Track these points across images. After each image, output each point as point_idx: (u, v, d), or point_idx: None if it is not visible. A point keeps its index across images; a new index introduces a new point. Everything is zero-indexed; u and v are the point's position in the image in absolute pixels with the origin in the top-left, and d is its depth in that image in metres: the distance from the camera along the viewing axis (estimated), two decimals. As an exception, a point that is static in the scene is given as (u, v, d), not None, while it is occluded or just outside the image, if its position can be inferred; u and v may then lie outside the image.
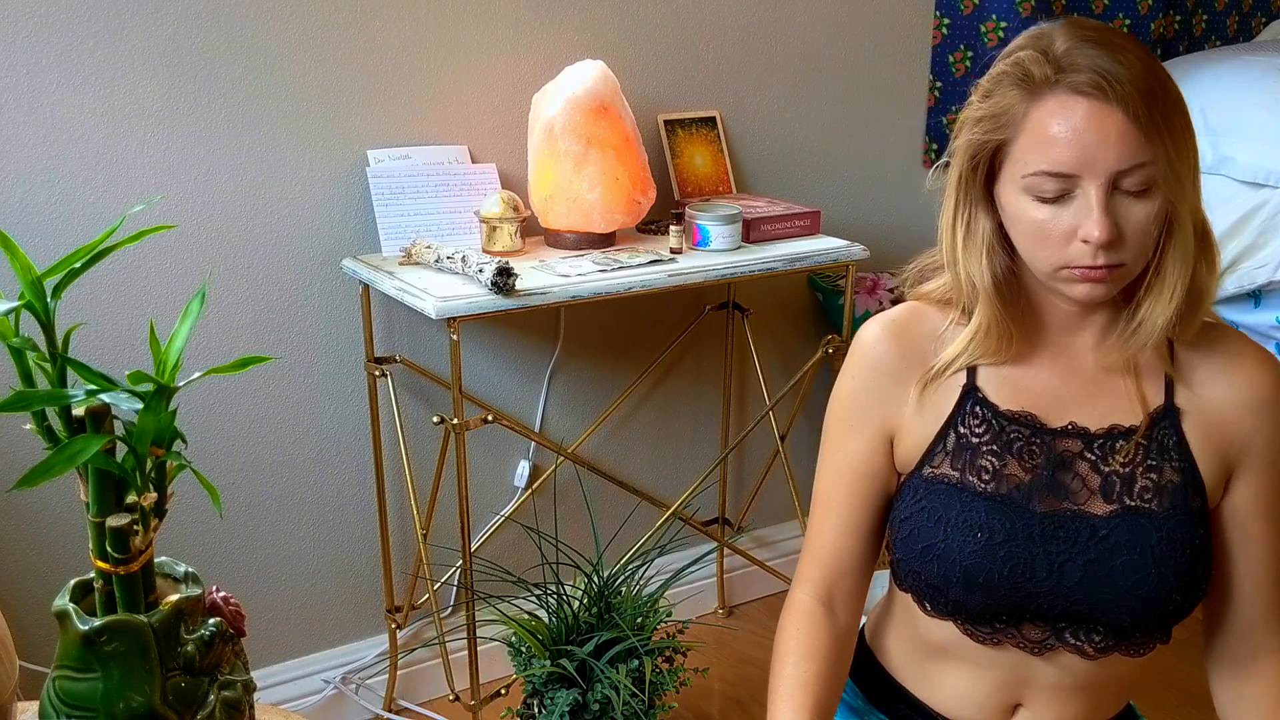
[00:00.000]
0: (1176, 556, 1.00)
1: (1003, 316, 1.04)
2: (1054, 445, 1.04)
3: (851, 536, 1.12)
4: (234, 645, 0.81)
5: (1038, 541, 1.01)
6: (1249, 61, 2.40)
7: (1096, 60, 0.93)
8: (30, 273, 0.70)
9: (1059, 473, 1.03)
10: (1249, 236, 2.20)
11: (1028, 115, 0.96)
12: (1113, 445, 1.03)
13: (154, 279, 1.74)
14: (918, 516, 1.06)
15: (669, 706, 1.80)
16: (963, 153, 1.01)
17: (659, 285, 1.78)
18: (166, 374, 0.72)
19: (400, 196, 1.84)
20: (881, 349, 1.10)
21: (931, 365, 1.07)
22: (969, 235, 1.03)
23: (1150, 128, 0.93)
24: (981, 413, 1.05)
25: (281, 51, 1.75)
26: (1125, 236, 0.95)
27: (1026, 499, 1.03)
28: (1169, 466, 1.03)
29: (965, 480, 1.04)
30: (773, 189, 2.28)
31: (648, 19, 2.07)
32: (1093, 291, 0.97)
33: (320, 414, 1.94)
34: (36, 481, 0.67)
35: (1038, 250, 0.98)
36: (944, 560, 1.03)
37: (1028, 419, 1.05)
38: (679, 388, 2.31)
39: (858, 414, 1.11)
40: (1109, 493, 1.03)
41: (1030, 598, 1.02)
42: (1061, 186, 0.95)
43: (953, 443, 1.06)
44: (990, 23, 2.43)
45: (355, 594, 2.06)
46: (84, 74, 1.63)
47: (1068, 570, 1.01)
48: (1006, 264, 1.03)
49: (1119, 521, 1.01)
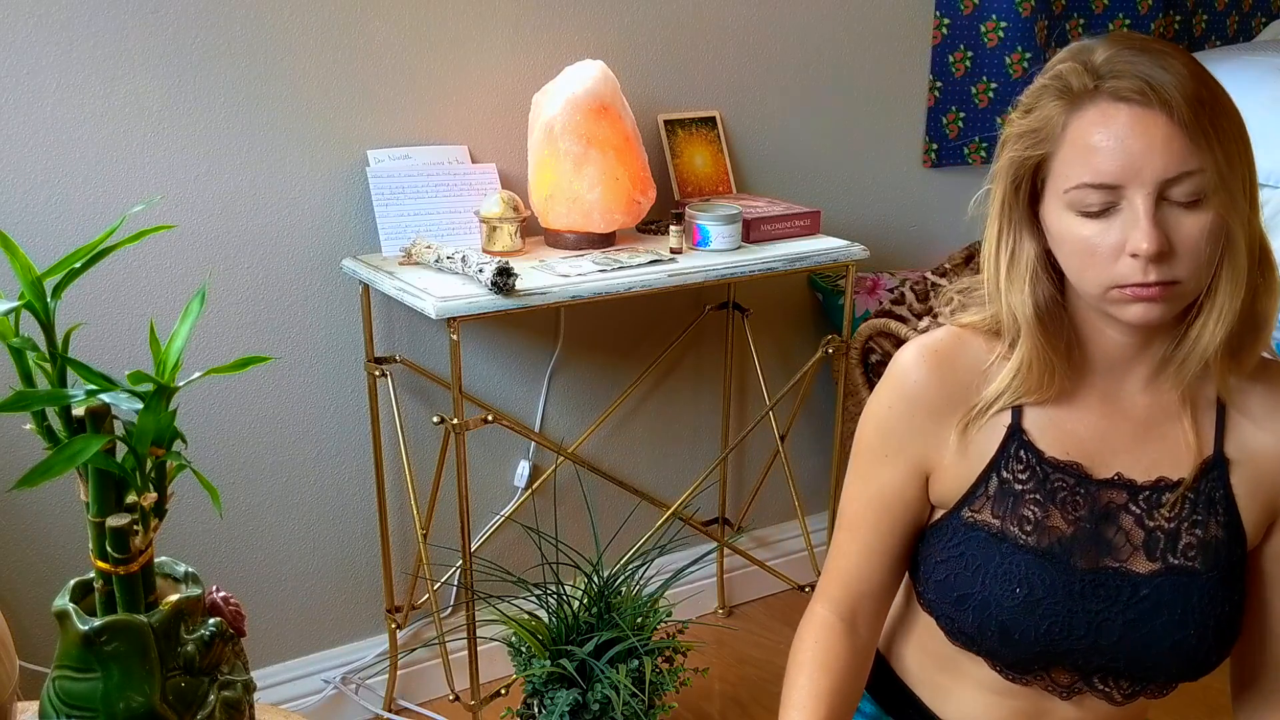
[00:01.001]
0: (1217, 615, 0.98)
1: (1046, 351, 0.98)
2: (1099, 496, 1.00)
3: (877, 562, 1.09)
4: (234, 645, 0.81)
5: (1077, 599, 0.98)
6: (1249, 61, 2.40)
7: (1138, 66, 0.89)
8: (30, 273, 0.70)
9: (1102, 526, 1.00)
10: (1249, 236, 2.20)
11: (1068, 127, 0.92)
12: (1159, 498, 1.00)
13: (154, 279, 1.74)
14: (955, 562, 1.02)
15: (669, 706, 1.80)
16: (1004, 173, 0.97)
17: (659, 285, 1.78)
18: (166, 374, 0.72)
19: (400, 196, 1.84)
20: (922, 381, 1.04)
21: (974, 404, 1.02)
22: (1013, 263, 0.98)
23: (1198, 133, 0.88)
24: (1026, 458, 1.01)
25: (281, 51, 1.75)
26: (1177, 251, 0.90)
27: (1068, 553, 0.99)
28: (1214, 521, 0.99)
29: (1006, 530, 1.00)
30: (773, 189, 2.28)
31: (648, 19, 2.07)
32: (1146, 313, 0.91)
33: (320, 414, 1.94)
34: (36, 481, 0.67)
35: (1085, 270, 0.93)
36: (980, 611, 1.00)
37: (1073, 468, 1.01)
38: (679, 388, 2.31)
39: (893, 445, 1.06)
40: (1152, 550, 0.99)
41: (1066, 652, 1.00)
42: (1106, 199, 0.90)
43: (995, 487, 1.02)
44: (990, 23, 2.43)
45: (355, 594, 2.06)
46: (84, 74, 1.63)
47: (1106, 629, 0.99)
48: (1051, 293, 0.98)
49: (1162, 581, 0.98)
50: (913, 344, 1.07)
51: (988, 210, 1.01)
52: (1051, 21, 2.54)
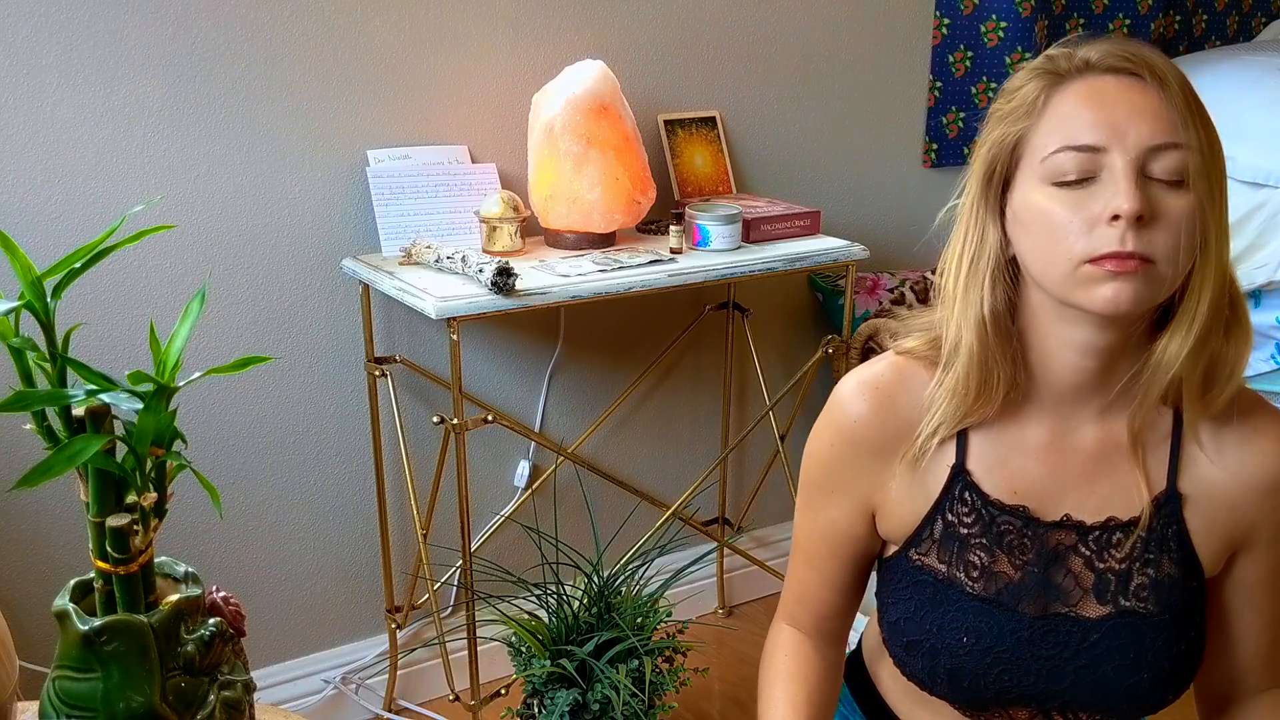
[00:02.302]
0: (1171, 657, 0.95)
1: (986, 360, 0.93)
2: (1047, 539, 0.97)
3: (834, 591, 1.09)
4: (234, 645, 0.81)
5: (1026, 645, 0.96)
6: (1249, 61, 2.40)
7: (1127, 47, 0.87)
8: (30, 273, 0.70)
9: (1051, 570, 0.97)
10: (1249, 236, 2.20)
11: (1050, 101, 0.89)
12: (1109, 539, 0.96)
13: (154, 279, 1.74)
14: (905, 605, 1.01)
15: (669, 706, 1.80)
16: (979, 163, 0.93)
17: (659, 285, 1.78)
18: (166, 374, 0.72)
19: (400, 196, 1.84)
20: (862, 419, 1.00)
21: (916, 437, 0.98)
22: (974, 264, 0.94)
23: (1186, 113, 0.85)
24: (971, 500, 0.98)
25: (281, 51, 1.75)
26: (1156, 227, 0.84)
27: (1015, 600, 0.97)
28: (1167, 559, 0.96)
29: (953, 576, 0.98)
30: (773, 189, 2.28)
31: (648, 19, 2.07)
32: (1119, 294, 0.84)
33: (320, 414, 1.94)
34: (36, 481, 0.67)
35: (1056, 245, 0.87)
36: (930, 658, 0.99)
37: (1020, 511, 0.97)
38: (679, 388, 2.31)
39: (836, 482, 1.03)
40: (1103, 593, 0.96)
41: (1020, 696, 0.98)
42: (1085, 165, 0.85)
43: (940, 530, 0.99)
44: (990, 23, 2.43)
45: (355, 594, 2.06)
46: (84, 74, 1.63)
47: (1057, 674, 0.96)
48: (1005, 301, 0.93)
49: (1112, 625, 0.95)
50: (852, 377, 1.02)
51: (956, 217, 0.97)
52: (1051, 21, 2.54)
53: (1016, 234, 0.92)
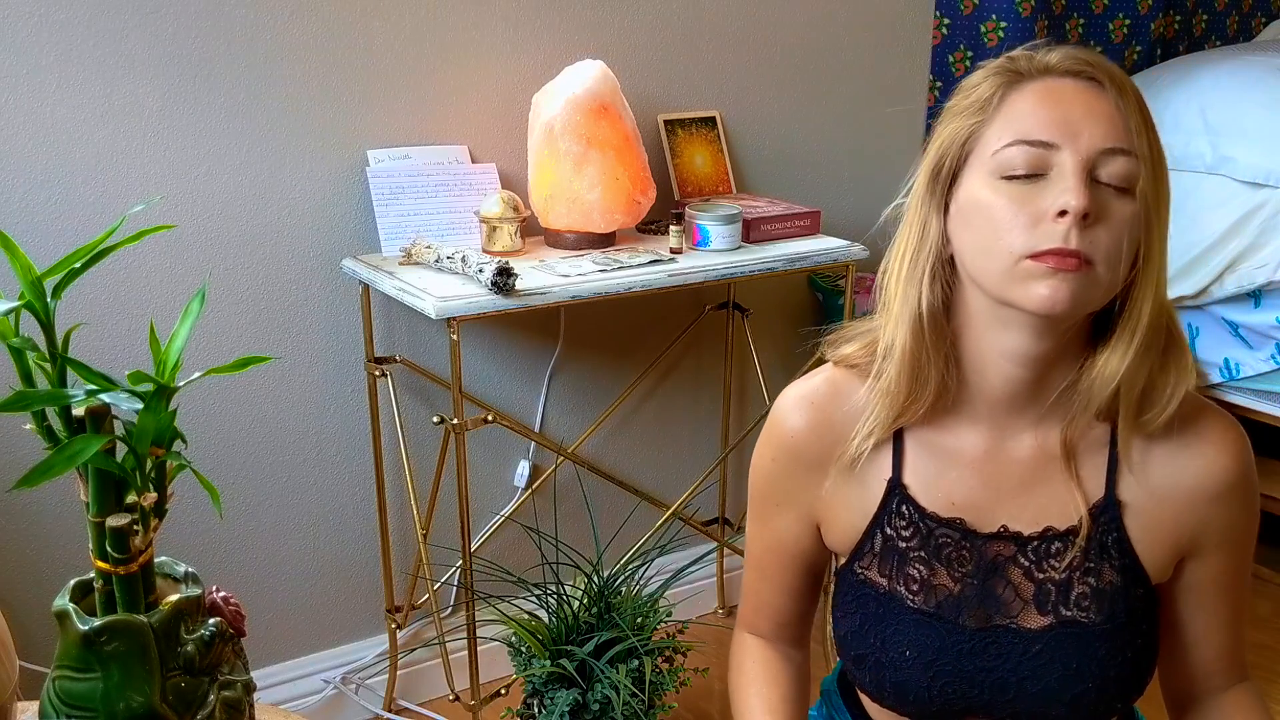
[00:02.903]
0: (1117, 665, 0.94)
1: (920, 354, 0.92)
2: (985, 550, 0.96)
3: (790, 598, 1.10)
4: (234, 645, 0.81)
5: (968, 658, 0.96)
6: (1249, 61, 2.40)
7: (1089, 55, 0.89)
8: (30, 273, 0.70)
9: (990, 581, 0.96)
10: (1249, 236, 2.20)
11: (1006, 98, 0.89)
12: (1048, 548, 0.95)
13: (154, 279, 1.74)
14: (851, 619, 1.01)
15: (669, 706, 1.80)
16: (930, 157, 0.94)
17: (659, 285, 1.78)
18: (166, 374, 0.72)
19: (400, 196, 1.84)
20: (800, 433, 1.01)
21: (850, 442, 0.98)
22: (915, 259, 0.94)
23: (1140, 124, 0.86)
24: (908, 514, 0.98)
25: (281, 51, 1.75)
26: (1102, 228, 0.84)
27: (956, 613, 0.96)
28: (1108, 567, 0.95)
29: (894, 590, 0.98)
30: (773, 189, 2.28)
31: (648, 19, 2.07)
32: (1056, 292, 0.84)
33: (320, 414, 1.94)
34: (36, 481, 0.67)
35: (997, 241, 0.86)
36: (875, 671, 0.99)
37: (957, 524, 0.97)
38: (679, 388, 2.31)
39: (780, 496, 1.05)
40: (1043, 603, 0.95)
41: (967, 709, 0.98)
42: (1036, 161, 0.85)
43: (880, 544, 0.99)
44: (990, 23, 2.43)
45: (355, 594, 2.06)
46: (84, 74, 1.63)
47: (1001, 686, 0.95)
48: (942, 300, 0.93)
49: (1054, 636, 0.94)
50: (790, 392, 1.04)
51: (901, 215, 0.97)
52: (1051, 21, 2.54)
53: (958, 229, 0.91)
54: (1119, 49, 2.67)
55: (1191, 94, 2.36)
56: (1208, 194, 2.28)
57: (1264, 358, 2.29)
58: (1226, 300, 2.30)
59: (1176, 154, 2.35)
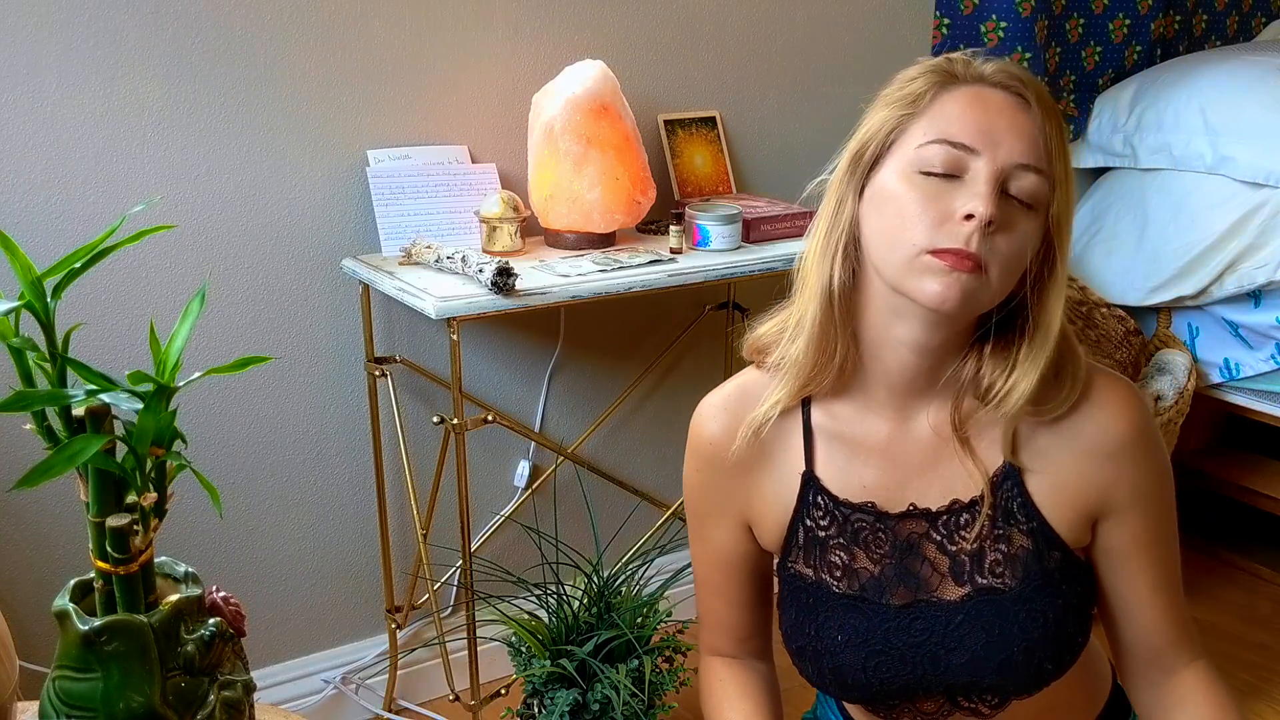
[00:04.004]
0: (1040, 627, 0.96)
1: (828, 327, 0.97)
2: (898, 530, 1.00)
3: (743, 610, 1.12)
4: (234, 645, 0.81)
5: (895, 635, 0.98)
6: (1249, 61, 2.40)
7: (1021, 71, 0.94)
8: (30, 273, 0.70)
9: (908, 559, 0.99)
10: (1249, 236, 2.20)
11: (938, 97, 0.93)
12: (957, 520, 0.98)
13: (154, 279, 1.74)
14: (789, 614, 1.04)
15: (669, 706, 1.80)
16: (856, 140, 0.97)
17: (659, 285, 1.78)
18: (166, 374, 0.72)
19: (400, 196, 1.84)
20: (716, 439, 1.05)
21: (758, 408, 1.02)
22: (829, 235, 0.97)
23: (1058, 146, 0.91)
24: (823, 503, 1.02)
25: (281, 51, 1.75)
26: (1003, 237, 0.89)
27: (880, 594, 0.99)
28: (1017, 531, 0.97)
29: (820, 579, 1.02)
30: (773, 189, 2.28)
31: (648, 19, 2.07)
32: (947, 290, 0.87)
33: (320, 414, 1.94)
34: (36, 481, 0.67)
35: (904, 231, 0.90)
36: (815, 660, 1.02)
37: (869, 507, 1.00)
38: (679, 388, 2.31)
39: (711, 506, 1.08)
40: (959, 575, 0.98)
41: (905, 686, 0.99)
42: (954, 162, 0.89)
43: (803, 537, 1.03)
44: (990, 23, 2.43)
45: (355, 594, 2.06)
46: (84, 74, 1.63)
47: (931, 661, 0.98)
48: (850, 277, 0.96)
49: (974, 604, 0.97)
50: (704, 402, 1.08)
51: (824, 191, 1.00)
52: (1051, 21, 2.54)
53: (869, 214, 0.94)
54: (1119, 49, 2.67)
55: (1191, 94, 2.36)
56: (1208, 194, 2.28)
57: (1264, 358, 2.29)
58: (1226, 300, 2.30)
59: (1176, 154, 2.35)
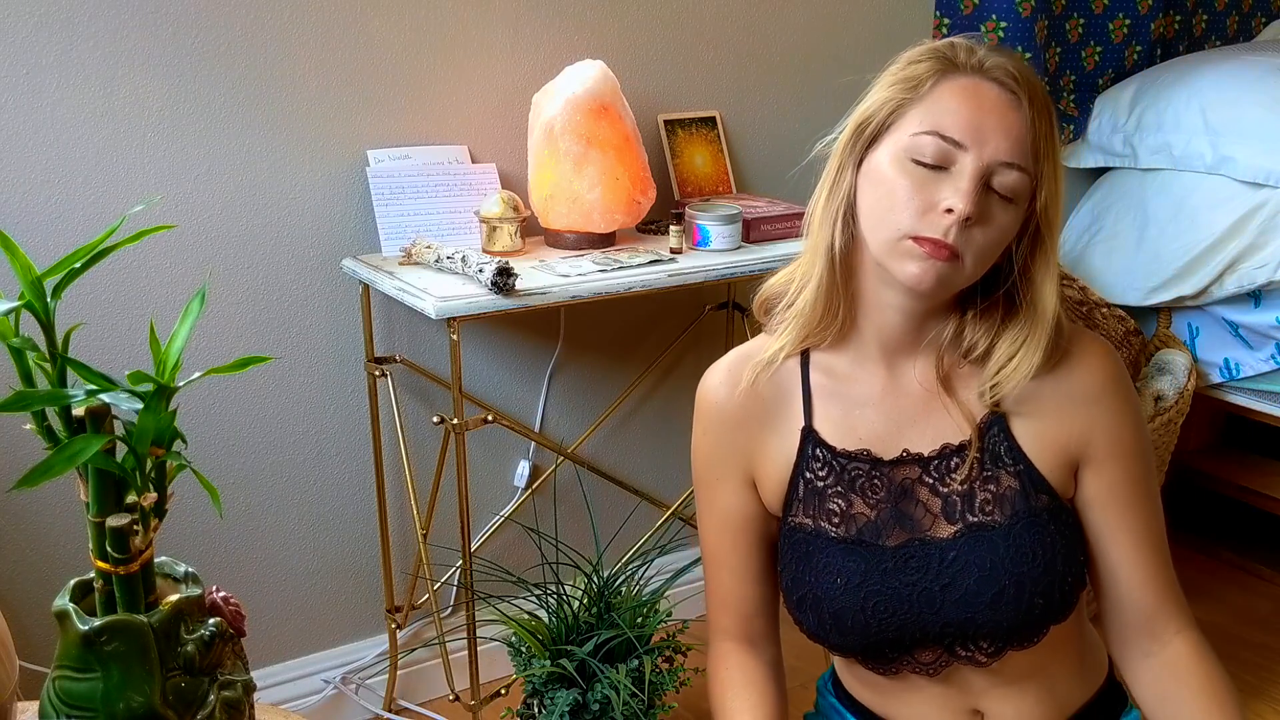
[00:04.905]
0: (1029, 563, 1.00)
1: (831, 285, 1.04)
2: (893, 475, 1.05)
3: (749, 583, 1.15)
4: (234, 645, 0.81)
5: (891, 575, 1.03)
6: (1249, 61, 2.40)
7: (1020, 66, 0.98)
8: (30, 273, 0.70)
9: (902, 503, 1.05)
10: (1249, 236, 2.20)
11: (937, 85, 0.98)
12: (948, 464, 1.04)
13: (154, 279, 1.74)
14: (789, 568, 1.08)
15: (669, 706, 1.80)
16: (859, 114, 1.03)
17: (659, 285, 1.78)
18: (166, 374, 0.72)
19: (400, 196, 1.84)
20: (720, 398, 1.12)
21: (760, 359, 1.09)
22: (830, 198, 1.04)
23: (1044, 142, 0.97)
24: (822, 455, 1.07)
25: (281, 51, 1.75)
26: (980, 230, 0.96)
27: (876, 536, 1.04)
28: (1005, 473, 1.03)
29: (819, 527, 1.06)
30: (773, 189, 2.28)
31: (648, 19, 2.07)
32: (924, 274, 0.96)
33: (320, 414, 1.94)
34: (36, 481, 0.67)
35: (889, 214, 0.97)
36: (815, 608, 1.06)
37: (864, 455, 1.06)
38: (679, 388, 2.31)
39: (718, 467, 1.13)
40: (951, 514, 1.04)
41: (901, 628, 1.03)
42: (942, 155, 0.96)
43: (803, 490, 1.08)
44: (990, 23, 2.43)
45: (355, 594, 2.06)
46: (84, 74, 1.63)
47: (925, 598, 1.02)
48: (848, 242, 1.03)
49: (965, 541, 1.02)
50: (710, 371, 1.15)
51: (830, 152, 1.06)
52: (1051, 21, 2.54)
53: (864, 189, 1.01)
54: (1119, 49, 2.67)
55: (1191, 94, 2.36)
56: (1208, 194, 2.27)
57: (1264, 358, 2.29)
58: (1226, 300, 2.30)
59: (1176, 154, 2.35)
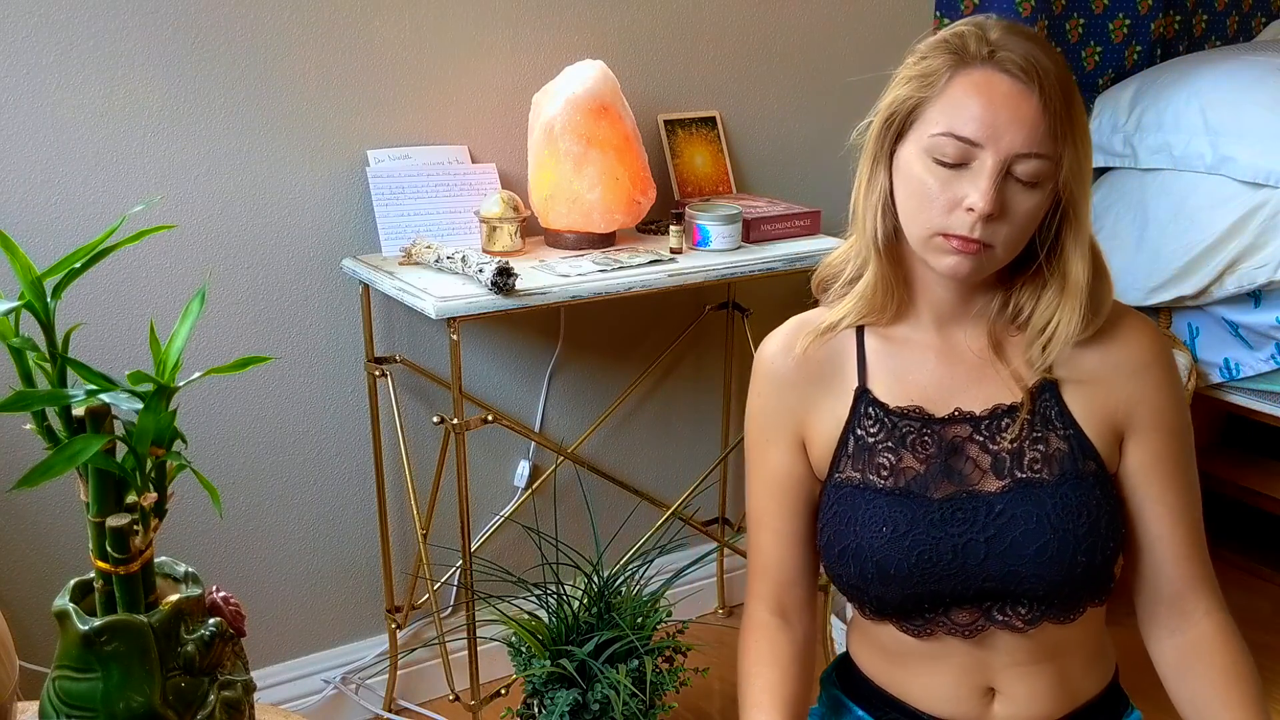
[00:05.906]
0: (1074, 520, 1.04)
1: (887, 274, 1.09)
2: (944, 433, 1.09)
3: (789, 547, 1.16)
4: (234, 645, 0.81)
5: (938, 525, 1.05)
6: (1249, 61, 2.40)
7: (1029, 50, 0.99)
8: (30, 273, 0.70)
9: (952, 459, 1.08)
10: (1249, 236, 2.20)
11: (952, 80, 1.01)
12: (999, 424, 1.08)
13: (154, 279, 1.74)
14: (833, 522, 1.11)
15: (669, 706, 1.80)
16: (885, 109, 1.06)
17: (659, 285, 1.78)
18: (166, 374, 0.72)
19: (400, 196, 1.84)
20: (777, 361, 1.16)
21: (821, 324, 1.13)
22: (869, 190, 1.08)
23: (1061, 123, 0.99)
24: (874, 413, 1.11)
25: (281, 51, 1.75)
26: (1005, 220, 1.00)
27: (924, 488, 1.07)
28: (1054, 435, 1.07)
29: (867, 480, 1.09)
30: (773, 189, 2.28)
31: (648, 19, 2.07)
32: (958, 266, 1.02)
33: (320, 414, 1.94)
34: (36, 481, 0.67)
35: (919, 213, 1.02)
36: (858, 558, 1.07)
37: (916, 412, 1.10)
38: (679, 388, 2.31)
39: (771, 429, 1.16)
40: (1000, 469, 1.07)
41: (943, 581, 1.05)
42: (961, 154, 0.99)
43: (853, 446, 1.11)
44: (990, 23, 2.43)
45: (355, 594, 2.06)
46: (84, 74, 1.63)
47: (970, 550, 1.05)
48: (893, 228, 1.07)
49: (1012, 495, 1.05)
50: (768, 339, 1.19)
51: (865, 140, 1.10)
52: (1051, 21, 2.54)
53: (898, 182, 1.06)
54: (1119, 49, 2.67)
55: (1191, 94, 2.36)
56: (1208, 194, 2.27)
57: (1264, 358, 2.29)
58: (1226, 300, 2.30)
59: (1176, 154, 2.35)
